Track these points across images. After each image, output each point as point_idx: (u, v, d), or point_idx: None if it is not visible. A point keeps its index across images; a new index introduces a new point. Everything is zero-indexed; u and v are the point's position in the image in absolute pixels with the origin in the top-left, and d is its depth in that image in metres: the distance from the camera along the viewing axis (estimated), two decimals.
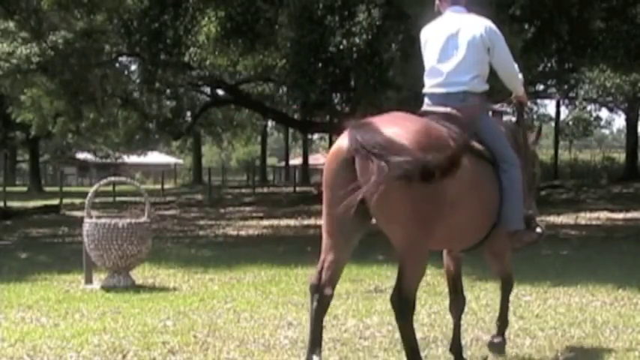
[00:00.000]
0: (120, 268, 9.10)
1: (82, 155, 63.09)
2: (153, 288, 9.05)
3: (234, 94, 31.17)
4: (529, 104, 38.43)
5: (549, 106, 79.24)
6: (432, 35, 5.20)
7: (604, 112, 70.55)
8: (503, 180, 5.00)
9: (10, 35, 20.88)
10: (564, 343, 6.04)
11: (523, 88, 5.56)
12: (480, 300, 7.94)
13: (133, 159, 60.20)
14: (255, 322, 6.95)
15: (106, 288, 8.93)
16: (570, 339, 6.17)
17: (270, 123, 50.11)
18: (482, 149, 4.98)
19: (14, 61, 19.81)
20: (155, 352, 5.87)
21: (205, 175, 47.15)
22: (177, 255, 12.34)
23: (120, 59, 27.24)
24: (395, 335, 6.34)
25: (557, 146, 44.49)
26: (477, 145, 4.93)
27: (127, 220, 9.26)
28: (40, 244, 14.77)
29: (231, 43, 16.86)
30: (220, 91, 34.18)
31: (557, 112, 46.55)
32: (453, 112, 5.00)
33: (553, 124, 47.37)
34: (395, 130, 4.31)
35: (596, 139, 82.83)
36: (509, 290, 5.69)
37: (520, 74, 5.50)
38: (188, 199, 32.99)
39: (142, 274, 9.93)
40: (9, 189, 31.27)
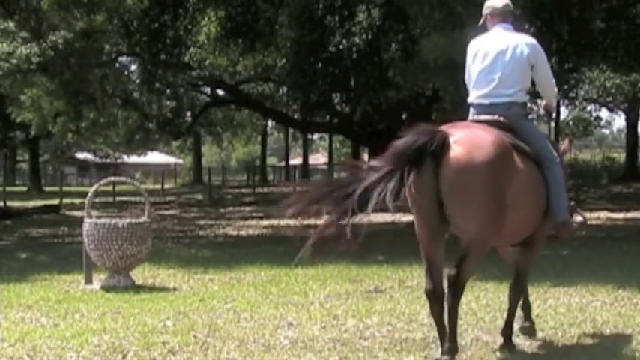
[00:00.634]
0: (120, 268, 9.10)
1: (82, 155, 63.08)
2: (153, 288, 9.05)
3: (234, 94, 31.18)
4: (529, 104, 38.59)
5: None
6: (483, 49, 5.72)
7: (604, 112, 70.57)
8: (548, 177, 5.56)
9: (10, 35, 20.86)
10: (564, 343, 6.05)
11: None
12: (480, 300, 7.94)
13: (133, 159, 60.20)
14: (255, 322, 6.95)
15: (106, 288, 8.93)
16: (570, 339, 6.17)
17: (270, 123, 50.12)
18: (528, 150, 5.51)
19: (14, 61, 19.79)
20: (155, 352, 5.87)
21: (205, 175, 47.14)
22: (177, 255, 12.34)
23: (120, 59, 27.22)
24: (395, 335, 6.35)
25: None
26: (524, 147, 5.46)
27: (127, 220, 9.25)
28: (40, 244, 14.77)
29: (231, 43, 16.87)
30: (220, 91, 34.18)
31: (557, 112, 46.56)
32: (500, 119, 5.57)
33: (553, 124, 47.38)
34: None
35: (596, 139, 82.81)
36: (525, 278, 6.17)
37: (555, 87, 6.16)
38: (188, 199, 32.99)
39: (142, 274, 9.92)
40: (9, 189, 31.28)
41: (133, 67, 30.36)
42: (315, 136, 66.85)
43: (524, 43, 5.68)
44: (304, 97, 18.14)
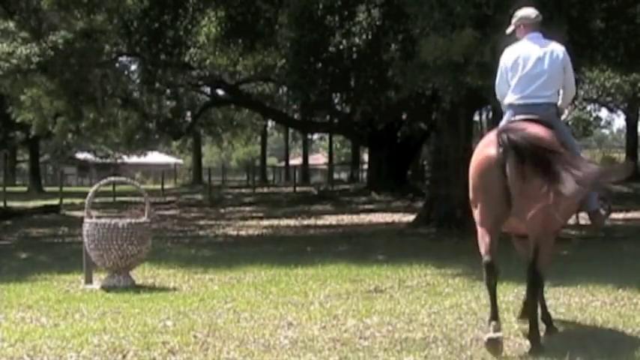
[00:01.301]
0: (120, 268, 9.10)
1: (82, 155, 63.03)
2: (153, 288, 9.05)
3: (234, 94, 31.21)
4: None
5: None
6: (523, 56, 6.26)
7: (604, 112, 70.53)
8: None
9: (10, 35, 20.85)
10: (564, 343, 6.04)
11: None
12: (480, 300, 7.93)
13: (133, 159, 60.19)
14: (255, 322, 6.95)
15: (106, 288, 8.93)
16: (570, 339, 6.17)
17: (270, 123, 50.14)
18: (568, 146, 6.01)
19: (14, 61, 19.78)
20: (155, 352, 5.87)
21: (205, 175, 47.14)
22: (177, 255, 12.34)
23: (120, 59, 27.23)
24: (395, 335, 6.35)
25: None
26: (566, 144, 5.99)
27: (127, 220, 9.25)
28: (40, 244, 14.77)
29: (231, 43, 16.85)
30: (220, 91, 34.20)
31: None
32: (540, 118, 6.09)
33: None
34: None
35: (596, 139, 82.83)
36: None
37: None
38: (188, 199, 32.98)
39: (142, 274, 9.93)
40: (9, 189, 31.29)
41: (133, 67, 30.40)
42: (315, 136, 66.94)
43: (558, 50, 6.34)
44: (304, 97, 18.15)
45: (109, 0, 17.46)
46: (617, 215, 19.45)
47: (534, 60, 6.22)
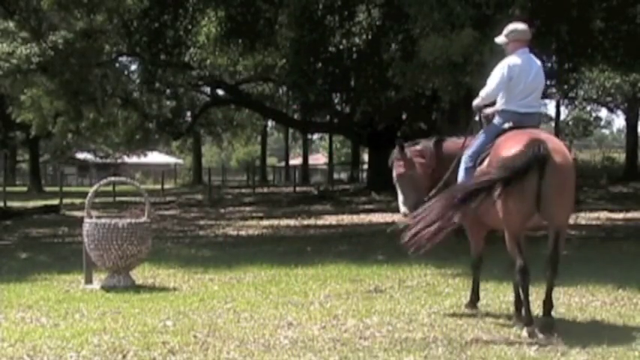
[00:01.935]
0: (120, 268, 9.10)
1: (82, 155, 63.03)
2: (153, 288, 9.05)
3: (234, 94, 31.21)
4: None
5: (549, 106, 79.12)
6: (524, 69, 6.87)
7: (604, 112, 70.59)
8: None
9: (10, 35, 20.83)
10: (564, 343, 6.04)
11: None
12: (480, 300, 7.93)
13: (133, 159, 60.17)
14: (255, 322, 6.95)
15: (106, 288, 8.93)
16: (570, 339, 6.16)
17: (270, 123, 50.14)
18: None
19: (14, 61, 19.77)
20: (155, 352, 5.87)
21: (205, 175, 47.13)
22: (177, 255, 12.34)
23: (120, 59, 27.25)
24: (395, 335, 6.35)
25: None
26: None
27: (127, 220, 9.25)
28: (40, 244, 14.76)
29: (231, 43, 16.86)
30: (220, 91, 34.20)
31: (557, 112, 46.57)
32: (536, 125, 7.02)
33: (553, 124, 47.38)
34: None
35: (596, 139, 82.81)
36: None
37: None
38: (188, 199, 32.97)
39: (142, 274, 9.92)
40: (9, 189, 31.27)
41: (133, 67, 30.41)
42: (315, 136, 66.95)
43: (540, 65, 7.07)
44: (304, 97, 18.17)
45: (109, 0, 17.46)
46: (617, 215, 19.47)
47: (534, 73, 6.89)
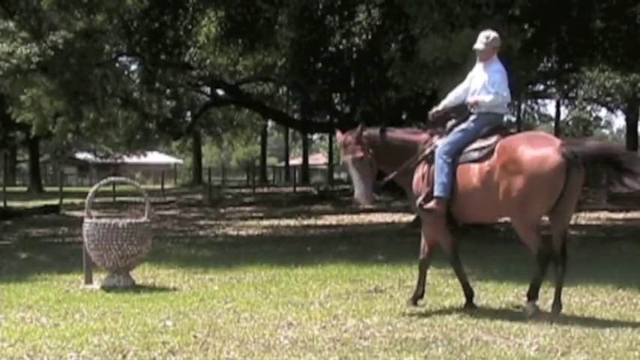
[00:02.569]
0: (120, 268, 9.10)
1: (82, 155, 63.04)
2: (153, 288, 9.05)
3: (234, 94, 31.16)
4: (528, 102, 38.84)
5: (549, 106, 79.04)
6: (505, 75, 7.47)
7: (604, 112, 70.49)
8: None
9: (10, 35, 20.81)
10: (564, 343, 6.04)
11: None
12: (480, 300, 7.94)
13: (133, 159, 60.17)
14: (255, 322, 6.95)
15: (106, 288, 8.93)
16: (570, 339, 6.17)
17: (270, 123, 50.11)
18: None
19: (14, 61, 19.75)
20: (155, 352, 5.87)
21: (205, 175, 47.12)
22: (177, 255, 12.34)
23: (120, 59, 27.20)
24: (395, 335, 6.35)
25: None
26: None
27: (127, 220, 9.25)
28: (40, 244, 14.77)
29: (231, 43, 16.85)
30: (220, 91, 34.16)
31: (557, 112, 46.54)
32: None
33: (553, 124, 47.36)
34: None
35: (596, 139, 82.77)
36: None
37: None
38: (188, 199, 32.98)
39: (142, 274, 9.93)
40: (9, 189, 31.27)
41: (133, 67, 30.37)
42: (315, 136, 66.91)
43: None
44: (304, 97, 18.16)
45: (109, 0, 17.45)
46: (617, 215, 19.48)
47: (507, 79, 7.52)
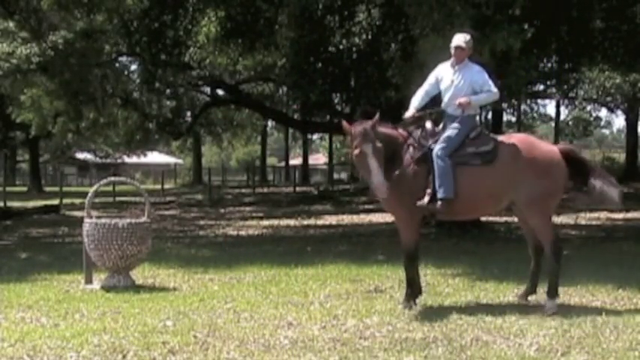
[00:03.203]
0: (120, 268, 9.10)
1: (82, 155, 63.02)
2: (153, 288, 9.05)
3: (234, 94, 31.13)
4: (528, 102, 38.88)
5: (549, 106, 79.25)
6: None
7: (604, 112, 70.50)
8: None
9: (10, 35, 20.79)
10: (564, 343, 6.05)
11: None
12: (480, 300, 7.94)
13: (133, 159, 60.18)
14: (255, 322, 6.95)
15: (106, 288, 8.93)
16: (570, 339, 6.17)
17: (270, 123, 50.08)
18: None
19: (14, 61, 19.72)
20: (155, 352, 5.87)
21: (205, 175, 47.12)
22: (177, 255, 12.34)
23: (120, 59, 27.17)
24: (395, 335, 6.35)
25: None
26: None
27: (127, 220, 9.25)
28: (40, 244, 14.77)
29: (231, 43, 16.84)
30: (220, 91, 34.12)
31: (557, 112, 46.60)
32: None
33: (553, 124, 47.38)
34: None
35: (596, 139, 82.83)
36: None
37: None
38: (188, 199, 32.99)
39: (142, 274, 9.93)
40: (9, 189, 31.28)
41: (133, 67, 30.34)
42: (315, 136, 66.87)
43: None
44: (304, 97, 18.13)
45: (109, 0, 17.44)
46: (617, 215, 19.47)
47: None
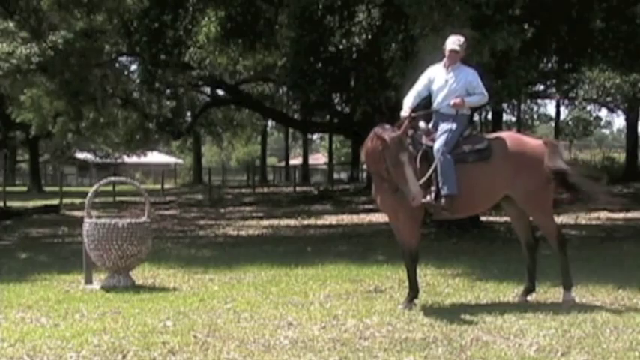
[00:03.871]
0: (120, 268, 9.10)
1: (82, 155, 62.97)
2: (153, 288, 9.05)
3: (234, 94, 31.15)
4: (528, 102, 38.87)
5: (549, 106, 79.22)
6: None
7: (604, 112, 70.60)
8: None
9: (10, 35, 20.79)
10: (564, 343, 6.05)
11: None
12: (480, 300, 7.94)
13: (133, 159, 60.15)
14: (255, 322, 6.95)
15: (106, 288, 8.94)
16: (570, 339, 6.17)
17: (270, 123, 50.10)
18: None
19: (14, 61, 19.71)
20: (155, 352, 5.87)
21: (205, 175, 47.12)
22: (177, 255, 12.34)
23: (120, 59, 27.19)
24: (395, 335, 6.35)
25: None
26: None
27: (127, 220, 9.26)
28: (40, 244, 14.77)
29: (231, 43, 16.85)
30: (220, 91, 34.15)
31: (557, 112, 46.59)
32: None
33: (553, 124, 47.38)
34: None
35: (596, 139, 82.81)
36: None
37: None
38: (188, 199, 32.99)
39: (142, 274, 9.93)
40: (9, 189, 31.28)
41: (133, 67, 30.33)
42: (315, 136, 66.92)
43: None
44: (304, 97, 18.13)
45: (109, 0, 17.44)
46: (617, 215, 19.47)
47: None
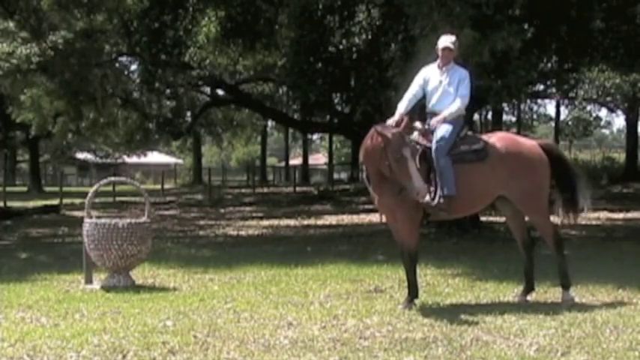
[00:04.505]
0: (120, 268, 9.10)
1: (82, 155, 62.96)
2: (153, 288, 9.05)
3: (234, 94, 31.15)
4: (528, 102, 38.83)
5: (549, 106, 79.14)
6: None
7: (604, 112, 70.59)
8: None
9: (10, 35, 20.79)
10: (564, 343, 6.05)
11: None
12: (480, 300, 7.94)
13: (133, 159, 60.13)
14: (255, 322, 6.95)
15: (106, 288, 8.94)
16: (570, 339, 6.17)
17: (270, 123, 50.09)
18: None
19: (14, 61, 19.72)
20: (155, 352, 5.87)
21: (205, 175, 47.11)
22: (177, 255, 12.34)
23: (120, 59, 27.17)
24: (395, 335, 6.35)
25: None
26: None
27: (127, 220, 9.26)
28: (40, 244, 14.77)
29: (231, 43, 16.84)
30: (220, 91, 34.14)
31: (557, 112, 46.63)
32: None
33: (553, 124, 47.38)
34: None
35: (596, 139, 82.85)
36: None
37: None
38: (188, 199, 32.99)
39: (142, 274, 9.93)
40: (9, 189, 31.28)
41: (133, 67, 30.32)
42: (315, 136, 66.93)
43: None
44: (304, 97, 18.14)
45: (109, 0, 17.44)
46: (617, 215, 19.48)
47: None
